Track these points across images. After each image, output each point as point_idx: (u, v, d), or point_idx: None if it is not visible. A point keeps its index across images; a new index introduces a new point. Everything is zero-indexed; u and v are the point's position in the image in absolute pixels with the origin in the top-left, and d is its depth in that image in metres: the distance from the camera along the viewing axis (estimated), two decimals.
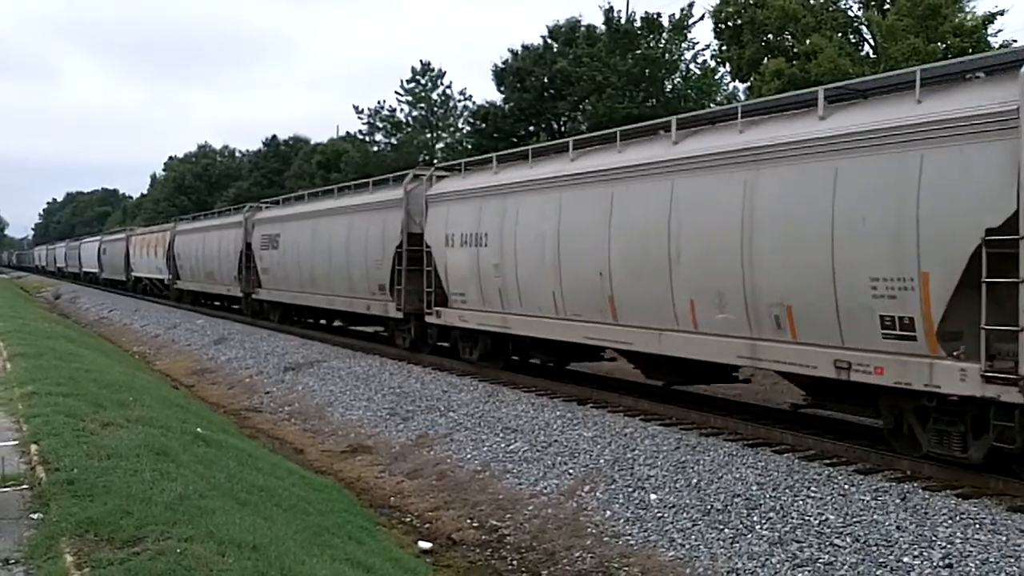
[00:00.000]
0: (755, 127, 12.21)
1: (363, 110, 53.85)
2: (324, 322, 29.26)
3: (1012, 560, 7.73)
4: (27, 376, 13.53)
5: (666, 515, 9.92)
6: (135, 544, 5.94)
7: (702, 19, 33.75)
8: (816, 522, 9.02)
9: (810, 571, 8.25)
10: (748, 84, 30.31)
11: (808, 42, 26.45)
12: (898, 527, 8.58)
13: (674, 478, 10.79)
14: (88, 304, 51.28)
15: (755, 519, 9.37)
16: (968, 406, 9.48)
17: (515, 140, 37.95)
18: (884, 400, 10.58)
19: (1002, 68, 9.82)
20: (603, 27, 35.78)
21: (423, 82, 53.20)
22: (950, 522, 8.53)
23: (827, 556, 8.37)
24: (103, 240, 66.81)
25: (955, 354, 9.43)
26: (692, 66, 35.40)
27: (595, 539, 9.82)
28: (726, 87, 35.90)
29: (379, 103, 53.85)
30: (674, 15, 34.54)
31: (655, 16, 34.27)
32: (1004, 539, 8.08)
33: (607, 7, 34.90)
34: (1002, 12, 24.86)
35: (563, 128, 38.75)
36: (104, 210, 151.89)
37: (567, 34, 40.59)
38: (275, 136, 74.87)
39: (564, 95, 37.73)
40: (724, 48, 31.14)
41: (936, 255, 9.43)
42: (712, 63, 34.42)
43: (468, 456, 13.29)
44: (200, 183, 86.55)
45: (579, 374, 18.33)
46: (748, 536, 9.08)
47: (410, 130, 52.50)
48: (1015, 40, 25.26)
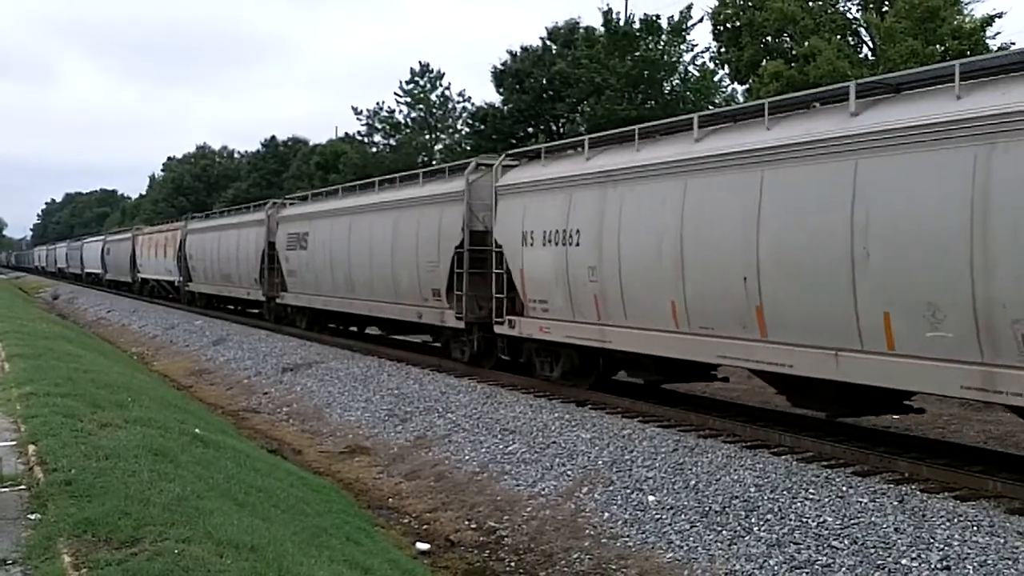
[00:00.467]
0: (986, 89, 9.52)
1: (362, 111, 54.01)
2: (355, 329, 27.12)
3: (1010, 562, 7.73)
4: (25, 376, 13.51)
5: (664, 517, 9.92)
6: (133, 545, 5.93)
7: (701, 21, 33.84)
8: (814, 524, 9.03)
9: (808, 573, 8.25)
10: (747, 86, 30.38)
11: (807, 44, 26.51)
12: (896, 529, 8.58)
13: (672, 480, 10.79)
14: (86, 304, 51.25)
15: (753, 521, 9.37)
16: None
17: (514, 141, 38.01)
18: None
19: None
20: (602, 29, 35.83)
21: (422, 83, 53.30)
22: (948, 524, 8.53)
23: (825, 558, 8.37)
24: (107, 240, 64.04)
25: None
26: (691, 68, 35.47)
27: (593, 540, 9.82)
28: (724, 89, 35.99)
29: (378, 104, 54.02)
30: (673, 17, 34.63)
31: (654, 18, 34.32)
32: (1002, 541, 8.08)
33: (606, 9, 34.99)
34: (1001, 14, 24.94)
35: (562, 130, 38.79)
36: (103, 211, 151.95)
37: (566, 36, 40.67)
38: (274, 137, 75.05)
39: (563, 97, 37.80)
40: (723, 50, 31.23)
41: None
42: (711, 65, 34.52)
43: (466, 457, 13.29)
44: (199, 184, 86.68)
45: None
46: (746, 538, 9.08)
47: (409, 131, 52.60)
48: (1013, 42, 25.34)
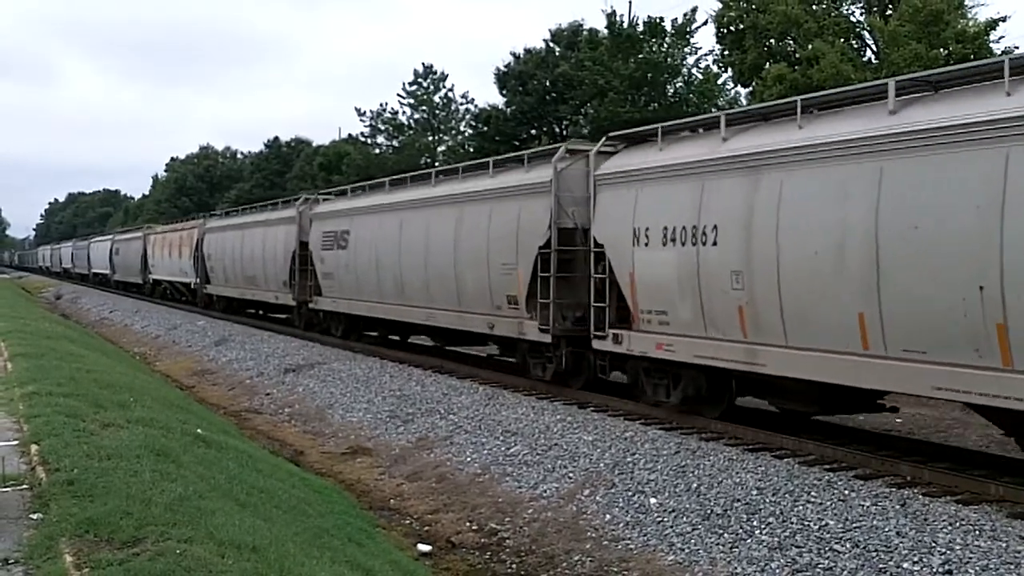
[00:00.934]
0: None
1: (365, 112, 54.01)
2: (396, 338, 24.25)
3: (1012, 567, 7.72)
4: (28, 376, 13.53)
5: (666, 519, 9.92)
6: (135, 545, 5.94)
7: (705, 24, 33.83)
8: (816, 527, 9.02)
9: None
10: (750, 89, 30.36)
11: (810, 47, 26.49)
12: (898, 533, 8.58)
13: (674, 482, 10.78)
14: (89, 305, 51.30)
15: (755, 524, 9.36)
16: None
17: (517, 144, 38.00)
18: None
19: None
20: (605, 31, 35.82)
21: (425, 85, 53.31)
22: (950, 528, 8.52)
23: (827, 561, 8.36)
24: (115, 239, 61.37)
25: None
26: (694, 71, 35.46)
27: (594, 543, 9.82)
28: (728, 92, 35.98)
29: (381, 105, 54.01)
30: (677, 20, 34.61)
31: (658, 20, 34.32)
32: (1004, 545, 8.07)
33: (610, 11, 35.00)
34: (1004, 18, 24.90)
35: (565, 132, 38.78)
36: (106, 211, 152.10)
37: (569, 38, 40.66)
38: (277, 138, 75.06)
39: (566, 99, 37.79)
40: (726, 53, 31.19)
41: None
42: (714, 68, 34.50)
43: (468, 459, 13.29)
44: (202, 184, 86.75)
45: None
46: (748, 541, 9.08)
47: (412, 132, 52.60)
48: (1017, 47, 25.31)
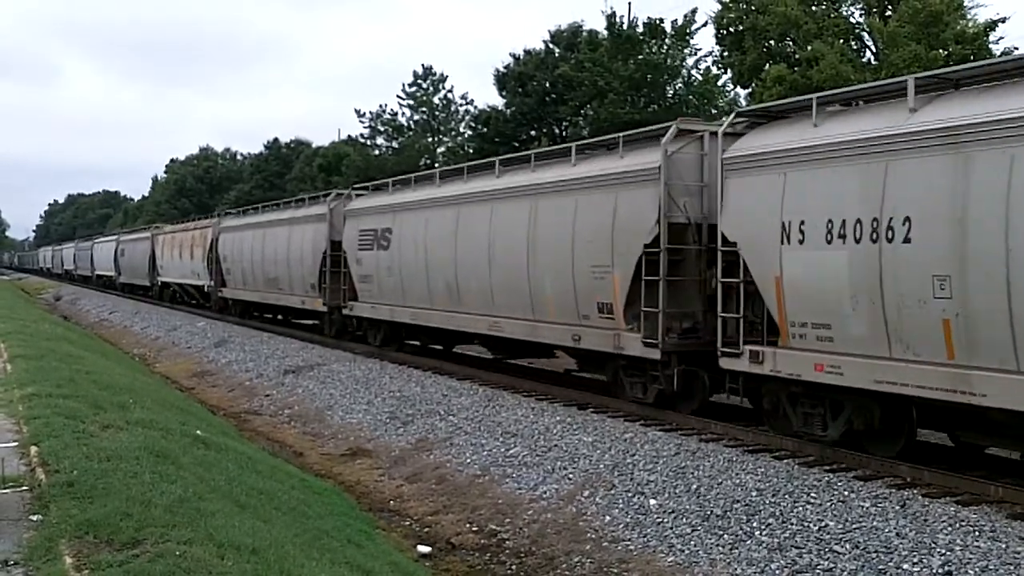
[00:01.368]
0: None
1: (364, 113, 54.04)
2: (439, 347, 22.44)
3: (1012, 568, 7.72)
4: (27, 378, 13.52)
5: (665, 520, 9.92)
6: (134, 546, 5.94)
7: (704, 25, 33.85)
8: (816, 528, 9.02)
9: None
10: (749, 90, 30.38)
11: (809, 48, 26.51)
12: (898, 534, 8.58)
13: (674, 483, 10.78)
14: (88, 306, 51.29)
15: (754, 525, 9.36)
16: None
17: (516, 145, 38.01)
18: None
19: None
20: (605, 32, 35.85)
21: (425, 86, 53.33)
22: (950, 529, 8.52)
23: (826, 562, 8.36)
24: (121, 240, 58.52)
25: None
26: (694, 72, 35.48)
27: (594, 544, 9.82)
28: (727, 93, 35.99)
29: (381, 107, 54.05)
30: (676, 21, 34.64)
31: (657, 22, 34.34)
32: (1004, 546, 8.07)
33: (609, 12, 35.01)
34: (1004, 19, 24.95)
35: (565, 133, 38.81)
36: (105, 212, 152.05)
37: (569, 39, 40.66)
38: (276, 139, 75.06)
39: (566, 100, 37.78)
40: (726, 54, 31.21)
41: None
42: (714, 69, 34.52)
43: (468, 460, 13.29)
44: (201, 185, 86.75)
45: (577, 379, 18.24)
46: (747, 542, 9.08)
47: (411, 134, 52.61)
48: (1016, 47, 25.33)
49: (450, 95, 53.50)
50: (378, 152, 53.10)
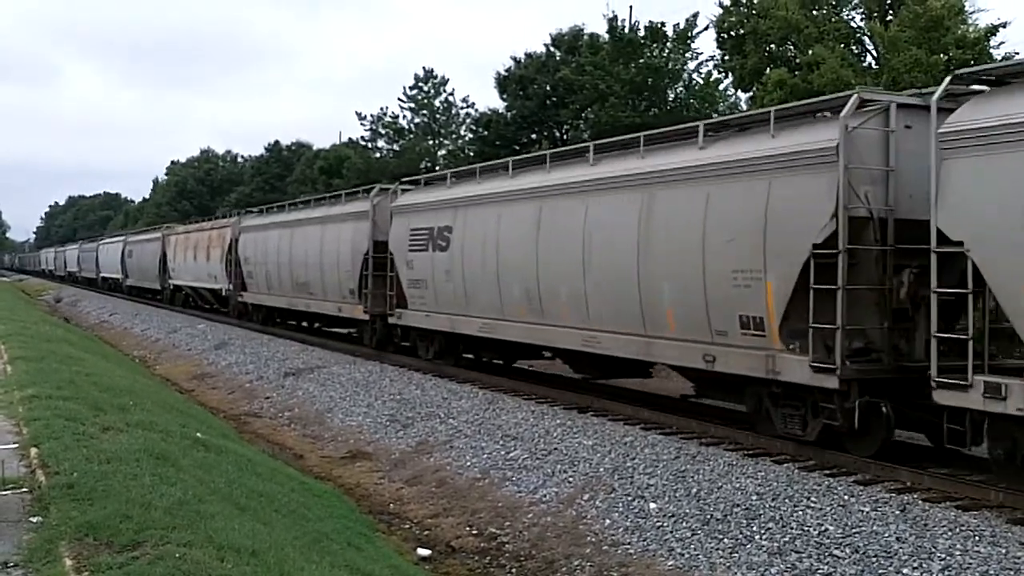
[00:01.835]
0: None
1: (365, 116, 54.09)
2: (500, 362, 20.00)
3: (1012, 572, 7.72)
4: (27, 379, 13.53)
5: (665, 524, 9.92)
6: (134, 548, 5.94)
7: (706, 29, 33.86)
8: (816, 533, 9.02)
9: None
10: (750, 94, 30.39)
11: (810, 53, 26.52)
12: (898, 538, 8.57)
13: (674, 487, 10.78)
14: (89, 308, 51.31)
15: (754, 529, 9.36)
16: None
17: (517, 148, 38.03)
18: None
19: None
20: (606, 36, 35.86)
21: (426, 89, 53.36)
22: (950, 534, 8.52)
23: (826, 567, 8.36)
24: (128, 240, 56.10)
25: None
26: (695, 76, 35.51)
27: (594, 548, 9.81)
28: (728, 97, 36.02)
29: (381, 109, 54.07)
30: (678, 25, 34.66)
31: (659, 26, 34.36)
32: (1004, 551, 8.07)
33: (611, 16, 35.01)
34: (1004, 24, 24.93)
35: (565, 136, 38.83)
36: (106, 214, 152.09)
37: (570, 42, 40.69)
38: (277, 141, 75.02)
39: (567, 103, 37.79)
40: (727, 58, 31.23)
41: None
42: (715, 73, 34.55)
43: (468, 463, 13.28)
44: (202, 187, 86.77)
45: (575, 382, 18.21)
46: (747, 546, 9.07)
47: (412, 137, 52.64)
48: (1017, 52, 25.34)
49: (451, 98, 53.56)
50: (379, 155, 53.14)
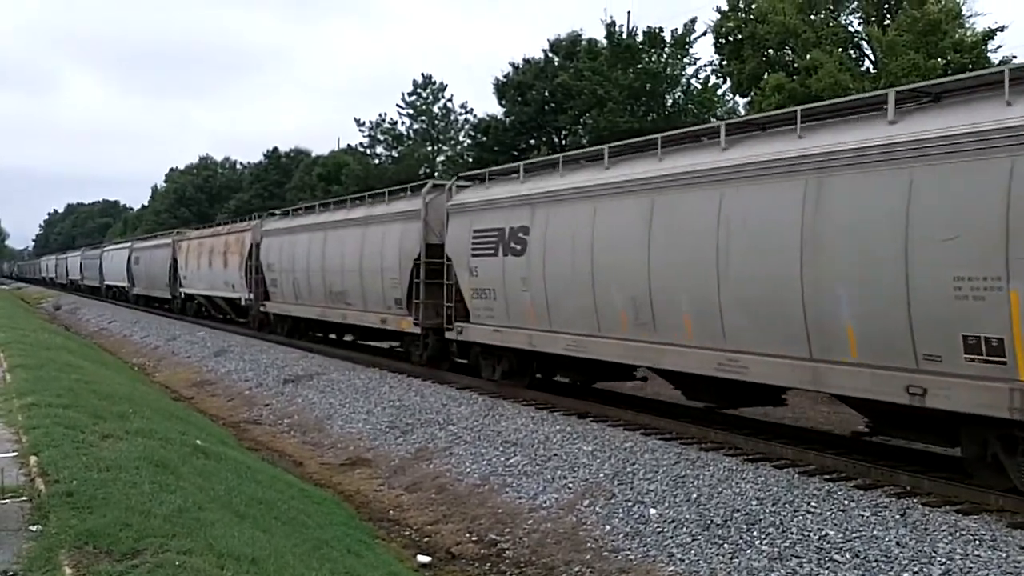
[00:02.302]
0: None
1: (364, 123, 54.17)
2: (579, 382, 17.77)
3: None
4: (27, 387, 13.52)
5: (666, 530, 9.91)
6: (134, 556, 5.93)
7: (704, 34, 33.92)
8: (816, 537, 9.01)
9: None
10: (749, 99, 30.44)
11: (808, 57, 26.57)
12: (898, 543, 8.57)
13: (674, 493, 10.77)
14: (88, 315, 51.28)
15: (755, 534, 9.35)
16: None
17: (515, 154, 38.09)
18: None
19: None
20: (604, 41, 35.94)
21: (424, 95, 53.49)
22: (950, 538, 8.52)
23: (827, 572, 8.35)
24: (135, 247, 53.86)
25: None
26: (693, 81, 35.57)
27: (594, 554, 9.80)
28: (726, 102, 36.08)
29: (380, 116, 54.25)
30: (676, 30, 34.74)
31: (657, 31, 34.43)
32: (1004, 555, 8.06)
33: (609, 21, 35.09)
34: (1002, 28, 24.98)
35: (564, 142, 38.87)
36: (105, 221, 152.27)
37: (568, 48, 40.79)
38: (276, 148, 75.23)
39: (565, 109, 37.85)
40: (725, 63, 31.29)
41: None
42: (713, 78, 34.61)
43: (467, 470, 13.27)
44: (201, 195, 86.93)
45: (569, 387, 18.20)
46: (748, 551, 9.06)
47: (411, 143, 52.73)
48: (1015, 56, 25.38)
49: (449, 104, 53.71)
50: (378, 161, 53.22)
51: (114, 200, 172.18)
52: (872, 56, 27.53)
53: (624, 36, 34.89)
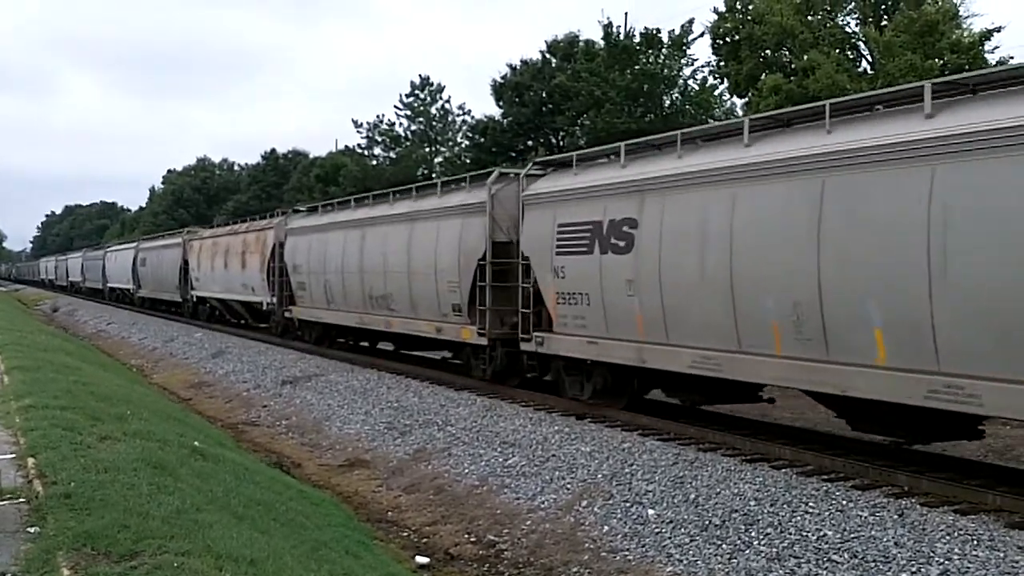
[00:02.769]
0: None
1: (362, 124, 54.22)
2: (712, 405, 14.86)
3: None
4: (24, 389, 13.51)
5: (664, 530, 9.91)
6: (132, 558, 5.93)
7: (701, 35, 33.99)
8: (814, 538, 9.01)
9: None
10: (746, 100, 30.50)
11: (806, 58, 26.64)
12: (896, 543, 8.57)
13: (672, 493, 10.78)
14: (86, 317, 51.23)
15: (753, 535, 9.36)
16: None
17: (513, 155, 38.14)
18: None
19: None
20: (602, 42, 35.99)
21: (422, 96, 53.55)
22: (948, 538, 8.52)
23: (825, 572, 8.36)
24: (141, 247, 50.87)
25: None
26: (690, 82, 35.64)
27: (592, 554, 9.80)
28: (724, 102, 36.14)
29: (378, 117, 54.29)
30: (673, 31, 34.80)
31: (654, 32, 34.49)
32: (1002, 555, 8.07)
33: (606, 22, 35.15)
34: (999, 29, 25.06)
35: (561, 143, 38.93)
36: (103, 223, 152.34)
37: (566, 49, 40.87)
38: (274, 150, 75.41)
39: (562, 110, 37.93)
40: (722, 64, 31.36)
41: None
42: (710, 79, 34.68)
43: (466, 470, 13.27)
44: (199, 196, 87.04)
45: None
46: (746, 552, 9.07)
47: (409, 144, 52.79)
48: (1012, 57, 25.44)
49: (447, 105, 53.79)
50: (375, 162, 53.27)
51: (112, 202, 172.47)
52: (869, 57, 27.60)
53: (621, 37, 34.96)
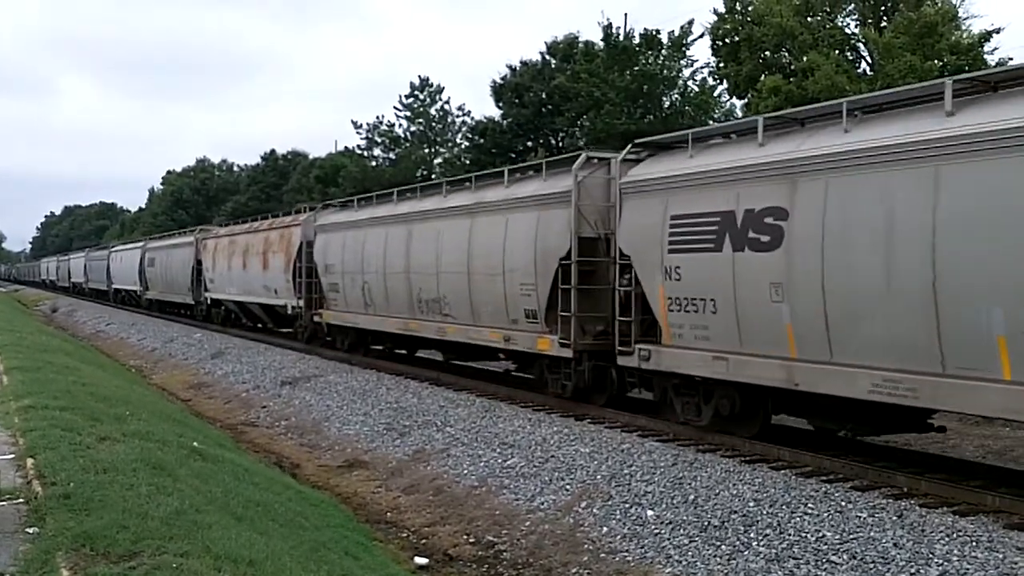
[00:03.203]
0: None
1: (361, 125, 54.25)
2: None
3: None
4: (24, 389, 13.51)
5: (663, 531, 9.91)
6: (131, 559, 5.93)
7: (701, 37, 34.02)
8: (813, 539, 9.01)
9: None
10: (745, 101, 30.51)
11: (805, 59, 26.66)
12: (895, 544, 8.57)
13: (671, 494, 10.77)
14: (85, 318, 51.21)
15: (752, 536, 9.36)
16: None
17: (513, 156, 38.14)
18: None
19: None
20: (601, 43, 36.02)
21: (422, 97, 53.59)
22: (947, 539, 8.52)
23: (824, 573, 8.36)
24: (148, 246, 48.37)
25: None
26: (690, 83, 35.67)
27: (592, 555, 9.80)
28: (723, 103, 36.17)
29: (378, 118, 54.34)
30: (673, 32, 34.84)
31: (654, 33, 34.52)
32: (1001, 556, 8.07)
33: (606, 24, 35.18)
34: (998, 30, 25.08)
35: (561, 144, 38.95)
36: (102, 224, 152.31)
37: (565, 50, 40.89)
38: (273, 151, 75.38)
39: (562, 111, 37.94)
40: (722, 65, 31.37)
41: None
42: (710, 80, 34.71)
43: (465, 471, 13.26)
44: (198, 197, 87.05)
45: None
46: (745, 553, 9.07)
47: (408, 145, 52.82)
48: (1011, 58, 25.45)
49: (447, 106, 53.84)
50: (375, 163, 53.29)
51: (111, 202, 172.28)
52: (869, 58, 27.62)
53: (621, 38, 34.98)
